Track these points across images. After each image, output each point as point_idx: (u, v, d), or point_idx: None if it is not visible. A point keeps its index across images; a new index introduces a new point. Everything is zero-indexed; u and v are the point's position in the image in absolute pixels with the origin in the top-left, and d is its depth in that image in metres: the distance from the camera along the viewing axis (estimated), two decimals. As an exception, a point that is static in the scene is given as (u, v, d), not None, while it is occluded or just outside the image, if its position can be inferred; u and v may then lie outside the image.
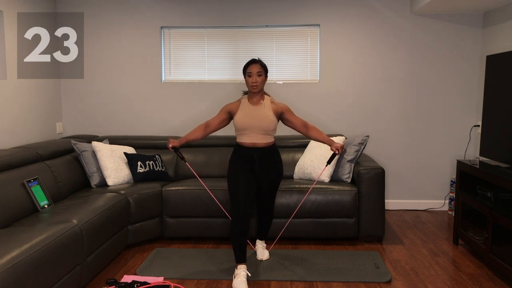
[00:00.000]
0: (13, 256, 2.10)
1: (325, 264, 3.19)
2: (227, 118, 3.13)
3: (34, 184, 3.14)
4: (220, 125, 3.14)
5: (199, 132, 3.18)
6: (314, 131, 3.12)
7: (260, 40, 4.59)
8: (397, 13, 4.46)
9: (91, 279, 2.90)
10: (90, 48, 4.64)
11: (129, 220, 3.50)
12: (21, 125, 3.96)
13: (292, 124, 3.12)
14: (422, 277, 3.01)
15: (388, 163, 4.61)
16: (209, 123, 3.16)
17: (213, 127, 3.15)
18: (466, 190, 3.48)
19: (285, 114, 3.09)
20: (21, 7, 3.92)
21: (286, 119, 3.10)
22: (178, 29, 4.63)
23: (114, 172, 3.77)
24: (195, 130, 3.20)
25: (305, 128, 3.12)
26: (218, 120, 3.13)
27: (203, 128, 3.17)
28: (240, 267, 2.91)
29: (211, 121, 3.16)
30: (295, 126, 3.12)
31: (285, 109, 3.10)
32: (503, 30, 4.00)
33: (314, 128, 3.13)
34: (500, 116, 3.32)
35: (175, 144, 3.16)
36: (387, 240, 3.74)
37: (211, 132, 3.17)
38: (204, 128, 3.16)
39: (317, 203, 3.57)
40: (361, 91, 4.57)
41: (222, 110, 3.14)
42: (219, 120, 3.13)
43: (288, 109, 3.11)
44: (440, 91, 4.53)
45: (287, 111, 3.10)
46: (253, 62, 3.02)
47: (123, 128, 4.71)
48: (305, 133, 3.13)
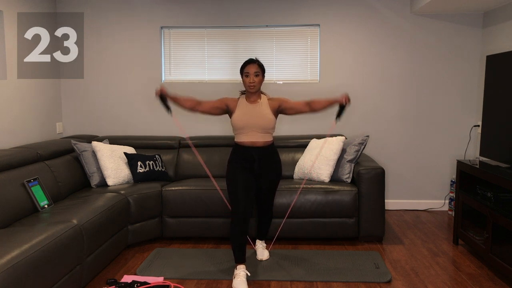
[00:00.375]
0: (13, 256, 2.10)
1: (325, 264, 3.19)
2: (222, 108, 3.07)
3: (34, 184, 3.14)
4: (211, 110, 3.06)
5: (190, 103, 3.06)
6: (316, 103, 3.01)
7: (260, 40, 4.59)
8: (397, 13, 4.46)
9: (91, 279, 2.90)
10: (90, 48, 4.64)
11: (129, 220, 3.50)
12: (21, 125, 3.96)
13: (295, 110, 3.04)
14: (422, 277, 3.01)
15: (388, 163, 4.61)
16: (202, 103, 3.07)
17: (204, 108, 3.06)
18: (466, 190, 3.48)
19: (283, 104, 3.04)
20: (21, 7, 3.92)
21: (287, 108, 3.04)
22: (178, 29, 4.63)
23: (114, 172, 3.77)
24: (187, 98, 3.09)
25: (309, 106, 3.02)
26: (213, 105, 3.06)
27: (195, 103, 3.06)
28: (240, 267, 2.90)
29: (205, 102, 3.07)
30: (299, 109, 3.04)
31: (282, 100, 3.06)
32: (503, 30, 4.00)
33: (315, 101, 3.03)
34: (500, 116, 3.31)
35: (164, 92, 2.99)
36: (387, 240, 3.74)
37: (199, 111, 3.06)
38: (196, 104, 3.06)
39: (317, 203, 3.57)
40: (361, 91, 4.57)
41: (220, 100, 3.08)
42: (213, 105, 3.06)
43: (285, 99, 3.07)
44: (440, 91, 4.53)
45: (285, 101, 3.05)
46: (250, 62, 3.00)
47: (123, 128, 4.71)
48: (310, 110, 3.03)
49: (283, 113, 3.08)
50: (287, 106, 3.04)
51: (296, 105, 3.04)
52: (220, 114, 3.12)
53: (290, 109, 3.05)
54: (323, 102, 3.01)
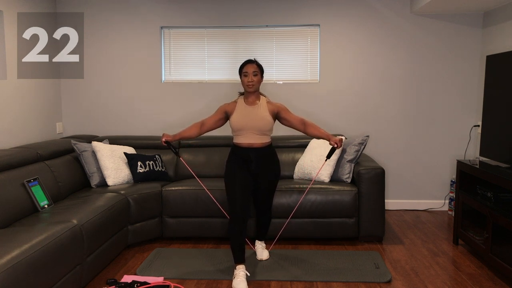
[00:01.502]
0: (13, 256, 2.10)
1: (325, 264, 3.19)
2: (223, 118, 3.13)
3: (34, 184, 3.14)
4: (216, 124, 3.15)
5: (194, 130, 3.18)
6: (311, 128, 3.09)
7: (260, 40, 4.59)
8: (397, 13, 4.46)
9: (91, 279, 2.90)
10: (90, 48, 4.64)
11: (129, 220, 3.50)
12: (21, 125, 3.96)
13: (289, 122, 3.10)
14: (422, 277, 3.01)
15: (388, 163, 4.61)
16: (205, 122, 3.17)
17: (209, 126, 3.16)
18: (466, 190, 3.48)
19: (281, 113, 3.07)
20: (21, 7, 3.92)
21: (283, 117, 3.08)
22: (178, 29, 4.63)
23: (114, 172, 3.77)
24: (190, 128, 3.21)
25: (303, 126, 3.09)
26: (214, 119, 3.14)
27: (199, 127, 3.18)
28: (239, 267, 2.90)
29: (206, 120, 3.17)
30: (293, 124, 3.10)
31: (281, 108, 3.09)
32: (503, 30, 4.00)
33: (312, 125, 3.10)
34: (500, 116, 3.31)
35: (168, 138, 3.18)
36: (387, 240, 3.74)
37: (206, 131, 3.18)
38: (200, 127, 3.17)
39: (317, 203, 3.56)
40: (361, 91, 4.57)
41: (219, 110, 3.14)
42: (215, 119, 3.14)
43: (284, 107, 3.10)
44: (440, 91, 4.53)
45: (283, 110, 3.09)
46: (249, 62, 3.04)
47: (123, 128, 4.71)
48: (303, 130, 3.10)
49: (278, 120, 3.12)
50: (284, 116, 3.09)
51: (292, 119, 3.09)
52: (224, 123, 3.19)
53: (286, 120, 3.10)
54: (317, 132, 3.08)
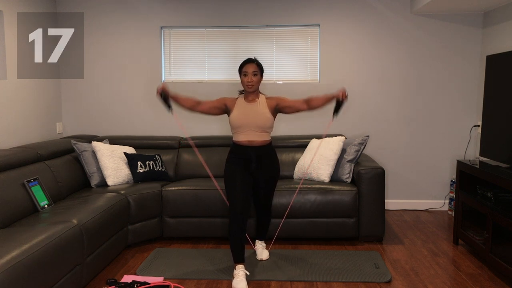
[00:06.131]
0: (13, 256, 2.10)
1: (325, 264, 3.19)
2: (221, 108, 3.07)
3: (34, 184, 3.14)
4: (210, 110, 3.08)
5: (189, 103, 3.07)
6: (314, 101, 2.97)
7: (260, 40, 4.59)
8: (397, 13, 4.46)
9: (91, 279, 2.90)
10: (90, 48, 4.64)
11: (129, 220, 3.50)
12: (21, 125, 3.96)
13: (293, 108, 3.02)
14: (422, 277, 3.01)
15: (388, 163, 4.61)
16: (202, 103, 3.08)
17: (203, 107, 3.07)
18: (466, 190, 3.48)
19: (281, 103, 3.03)
20: (21, 7, 3.92)
21: (285, 106, 3.02)
22: (178, 29, 4.63)
23: (114, 172, 3.77)
24: (188, 98, 3.09)
25: (307, 104, 2.99)
26: (212, 105, 3.07)
27: (195, 103, 3.08)
28: (239, 267, 2.90)
29: (204, 102, 3.08)
30: (297, 108, 3.00)
31: (280, 98, 3.05)
32: (503, 30, 4.00)
33: (313, 98, 2.99)
34: (500, 116, 3.31)
35: (166, 90, 2.99)
36: (387, 240, 3.74)
37: (199, 111, 3.08)
38: (195, 104, 3.07)
39: (317, 203, 3.57)
40: (361, 91, 4.57)
41: (220, 99, 3.09)
42: (212, 105, 3.07)
43: (282, 97, 3.06)
44: (440, 91, 4.53)
45: (282, 99, 3.04)
46: (248, 61, 3.00)
47: (123, 128, 4.71)
48: (309, 108, 2.99)
49: (282, 112, 3.06)
50: (285, 104, 3.02)
51: (294, 103, 3.02)
52: (219, 114, 3.12)
53: (288, 107, 3.02)
54: (321, 99, 2.96)
